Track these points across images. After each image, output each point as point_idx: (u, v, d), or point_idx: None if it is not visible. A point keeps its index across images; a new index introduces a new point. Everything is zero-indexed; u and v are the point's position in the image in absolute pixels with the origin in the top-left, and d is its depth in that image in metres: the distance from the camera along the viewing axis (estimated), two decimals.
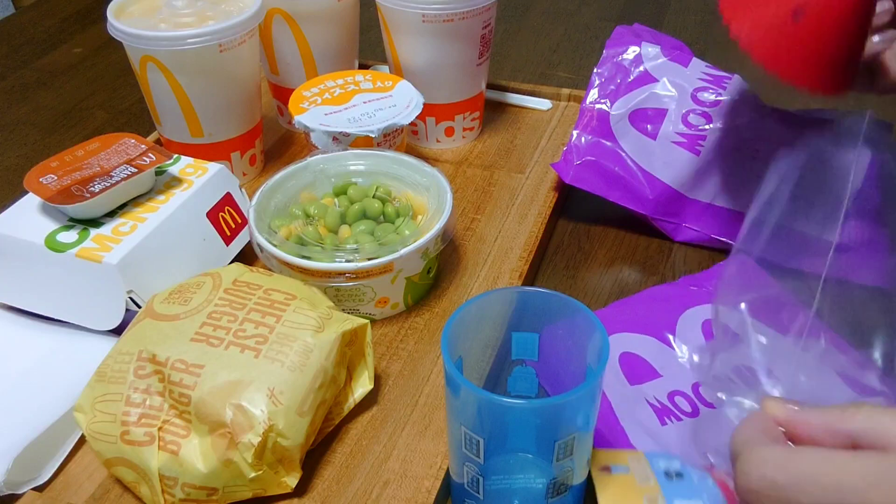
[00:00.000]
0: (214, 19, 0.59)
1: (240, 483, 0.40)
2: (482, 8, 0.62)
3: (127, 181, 0.50)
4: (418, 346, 0.50)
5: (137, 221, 0.50)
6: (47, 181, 0.49)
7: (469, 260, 0.57)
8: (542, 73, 0.85)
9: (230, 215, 0.55)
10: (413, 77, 0.65)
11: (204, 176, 0.54)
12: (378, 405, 0.47)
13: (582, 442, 0.35)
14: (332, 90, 0.62)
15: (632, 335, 0.49)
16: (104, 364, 0.42)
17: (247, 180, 0.66)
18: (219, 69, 0.59)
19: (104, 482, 0.43)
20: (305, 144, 0.61)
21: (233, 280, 0.45)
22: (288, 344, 0.42)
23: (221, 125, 0.62)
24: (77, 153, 0.52)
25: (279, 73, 0.70)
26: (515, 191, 0.64)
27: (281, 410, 0.39)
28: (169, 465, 0.39)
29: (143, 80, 0.60)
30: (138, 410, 0.40)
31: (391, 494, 0.41)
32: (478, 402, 0.34)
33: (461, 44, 0.64)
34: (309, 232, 0.51)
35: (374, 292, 0.50)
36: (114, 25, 0.58)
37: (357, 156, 0.57)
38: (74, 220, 0.50)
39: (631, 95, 0.60)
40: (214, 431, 0.39)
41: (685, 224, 0.59)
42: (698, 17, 0.96)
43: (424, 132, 0.69)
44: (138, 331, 0.43)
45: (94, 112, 0.80)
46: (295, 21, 0.66)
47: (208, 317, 0.43)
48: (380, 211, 0.53)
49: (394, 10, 0.63)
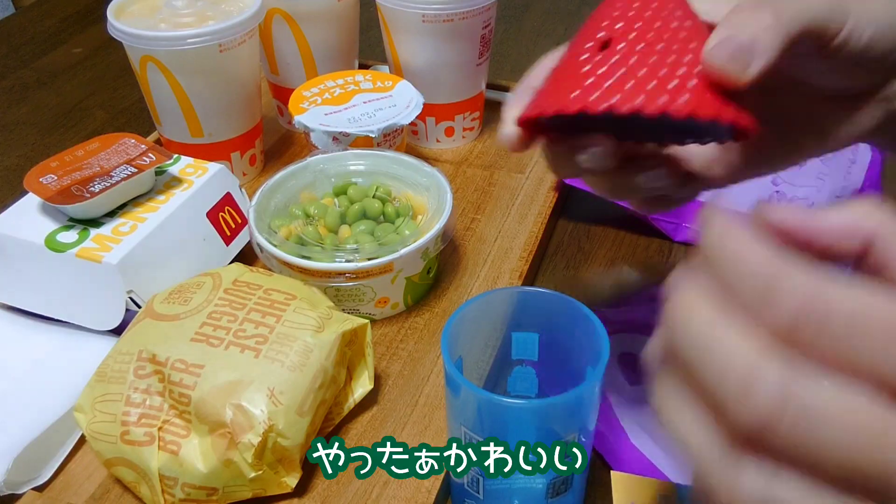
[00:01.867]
0: (214, 19, 0.59)
1: (240, 483, 0.40)
2: (482, 8, 0.62)
3: (127, 181, 0.50)
4: (418, 346, 0.50)
5: (137, 221, 0.50)
6: (47, 181, 0.49)
7: (469, 260, 0.57)
8: None
9: (230, 215, 0.55)
10: (413, 77, 0.65)
11: (204, 176, 0.54)
12: (378, 405, 0.47)
13: (582, 441, 0.35)
14: (332, 90, 0.62)
15: (632, 335, 0.49)
16: (104, 364, 0.42)
17: (247, 180, 0.66)
18: (219, 69, 0.59)
19: (104, 482, 0.43)
20: (305, 144, 0.61)
21: (233, 280, 0.45)
22: (288, 344, 0.42)
23: (221, 125, 0.62)
24: (77, 153, 0.52)
25: (279, 73, 0.70)
26: (515, 191, 0.64)
27: (281, 410, 0.39)
28: (169, 465, 0.39)
29: (143, 80, 0.60)
30: (138, 410, 0.40)
31: (391, 494, 0.41)
32: (478, 401, 0.34)
33: (461, 44, 0.64)
34: (309, 232, 0.51)
35: (374, 292, 0.50)
36: (114, 25, 0.58)
37: (357, 156, 0.57)
38: (74, 220, 0.50)
39: None
40: (214, 431, 0.39)
41: (685, 224, 0.59)
42: None
43: (424, 132, 0.69)
44: (138, 331, 0.43)
45: (94, 112, 0.80)
46: (295, 21, 0.66)
47: (208, 317, 0.43)
48: (380, 211, 0.53)
49: (394, 10, 0.63)
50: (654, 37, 0.29)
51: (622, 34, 0.29)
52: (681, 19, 0.30)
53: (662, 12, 0.30)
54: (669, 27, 0.29)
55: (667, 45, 0.29)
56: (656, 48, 0.28)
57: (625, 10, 0.30)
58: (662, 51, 0.28)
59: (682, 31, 0.29)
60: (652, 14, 0.29)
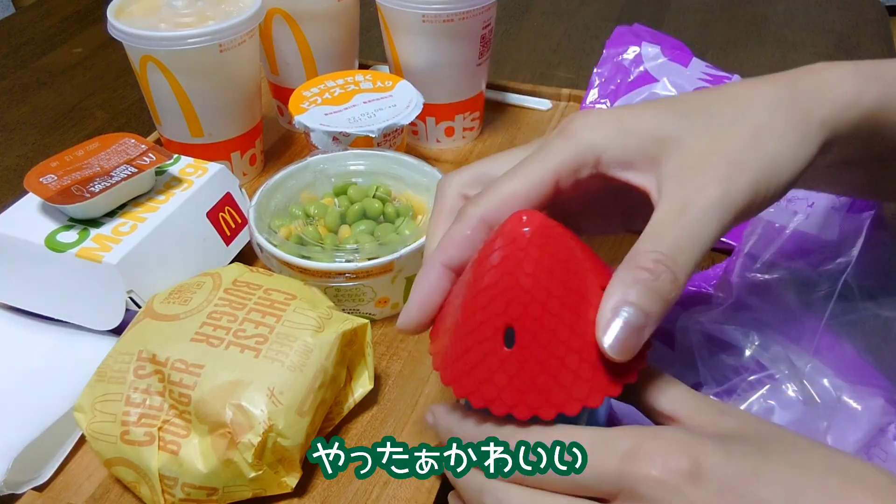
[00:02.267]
0: (214, 19, 0.59)
1: (240, 483, 0.40)
2: (482, 8, 0.62)
3: (127, 181, 0.50)
4: (418, 346, 0.50)
5: (137, 221, 0.50)
6: (47, 181, 0.49)
7: None
8: (542, 73, 0.85)
9: (230, 215, 0.55)
10: (413, 77, 0.65)
11: (204, 176, 0.54)
12: (378, 405, 0.47)
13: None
14: (332, 90, 0.62)
15: None
16: (104, 364, 0.42)
17: (247, 180, 0.66)
18: (219, 69, 0.59)
19: (104, 482, 0.43)
20: (305, 144, 0.61)
21: (233, 280, 0.45)
22: (288, 344, 0.42)
23: (221, 125, 0.62)
24: (77, 153, 0.52)
25: (279, 73, 0.70)
26: None
27: (281, 410, 0.39)
28: (169, 465, 0.39)
29: (143, 80, 0.60)
30: (138, 410, 0.40)
31: (391, 494, 0.41)
32: None
33: (461, 44, 0.64)
34: (309, 232, 0.51)
35: (374, 292, 0.50)
36: (114, 25, 0.58)
37: (357, 156, 0.57)
38: (74, 220, 0.50)
39: (631, 95, 0.60)
40: (214, 431, 0.39)
41: None
42: (698, 17, 0.96)
43: (424, 132, 0.69)
44: (138, 331, 0.43)
45: (94, 112, 0.80)
46: (295, 21, 0.66)
47: (208, 317, 0.43)
48: (380, 211, 0.53)
49: (394, 10, 0.63)
50: (551, 325, 0.31)
51: (522, 324, 0.31)
52: (571, 282, 0.31)
53: (556, 279, 0.31)
54: (566, 305, 0.31)
55: (562, 336, 0.31)
56: (554, 345, 0.31)
57: (523, 282, 0.31)
58: (559, 346, 0.31)
59: (574, 310, 0.31)
60: (547, 286, 0.31)
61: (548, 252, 0.31)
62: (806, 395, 0.41)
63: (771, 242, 0.46)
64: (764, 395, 0.42)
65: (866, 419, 0.41)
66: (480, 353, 0.32)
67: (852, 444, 0.40)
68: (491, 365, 0.31)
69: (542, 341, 0.31)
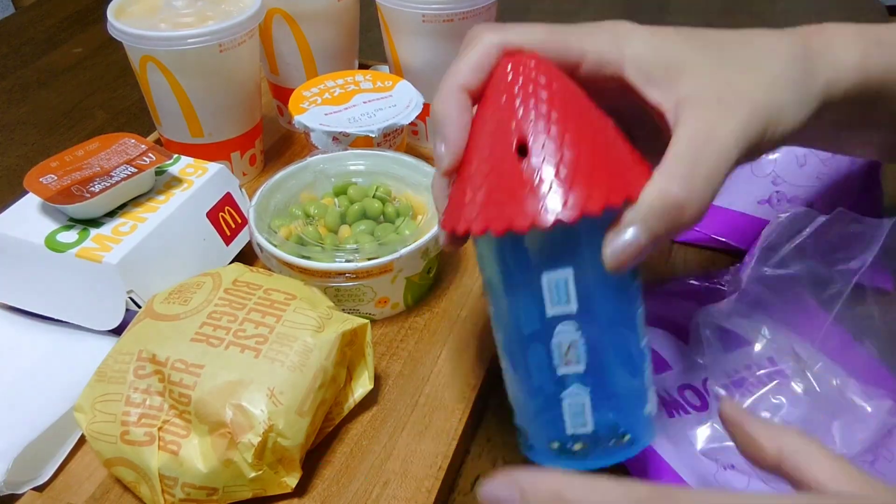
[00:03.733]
0: (214, 19, 0.59)
1: (240, 483, 0.40)
2: (482, 8, 0.62)
3: (127, 181, 0.50)
4: (418, 346, 0.50)
5: (137, 221, 0.50)
6: (47, 181, 0.49)
7: (469, 260, 0.57)
8: None
9: (230, 215, 0.55)
10: (413, 77, 0.65)
11: (204, 176, 0.54)
12: (378, 405, 0.47)
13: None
14: (332, 90, 0.62)
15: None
16: (104, 364, 0.42)
17: (247, 180, 0.66)
18: (219, 69, 0.59)
19: (104, 482, 0.43)
20: (305, 144, 0.61)
21: (233, 280, 0.45)
22: (288, 344, 0.42)
23: (221, 125, 0.62)
24: (77, 153, 0.52)
25: (279, 73, 0.70)
26: None
27: (281, 410, 0.39)
28: (169, 465, 0.39)
29: (143, 80, 0.60)
30: (138, 410, 0.40)
31: (391, 494, 0.41)
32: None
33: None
34: (309, 232, 0.51)
35: (374, 292, 0.50)
36: (114, 25, 0.58)
37: (357, 156, 0.57)
38: (74, 220, 0.50)
39: None
40: (214, 431, 0.39)
41: None
42: (698, 18, 0.96)
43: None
44: (138, 331, 0.43)
45: (94, 112, 0.80)
46: (295, 21, 0.66)
47: (208, 317, 0.43)
48: (380, 211, 0.53)
49: (394, 10, 0.63)
50: (559, 135, 0.32)
51: (535, 136, 0.33)
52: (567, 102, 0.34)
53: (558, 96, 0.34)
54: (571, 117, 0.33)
55: (575, 141, 0.32)
56: (567, 150, 0.32)
57: (526, 100, 0.34)
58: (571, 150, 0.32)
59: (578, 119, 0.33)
60: (549, 100, 0.33)
61: (555, 74, 0.35)
62: (814, 392, 0.42)
63: (787, 241, 0.46)
64: (773, 390, 0.42)
65: (874, 419, 0.41)
66: (508, 179, 0.32)
67: (859, 444, 0.40)
68: (522, 184, 0.32)
69: (556, 151, 0.32)
